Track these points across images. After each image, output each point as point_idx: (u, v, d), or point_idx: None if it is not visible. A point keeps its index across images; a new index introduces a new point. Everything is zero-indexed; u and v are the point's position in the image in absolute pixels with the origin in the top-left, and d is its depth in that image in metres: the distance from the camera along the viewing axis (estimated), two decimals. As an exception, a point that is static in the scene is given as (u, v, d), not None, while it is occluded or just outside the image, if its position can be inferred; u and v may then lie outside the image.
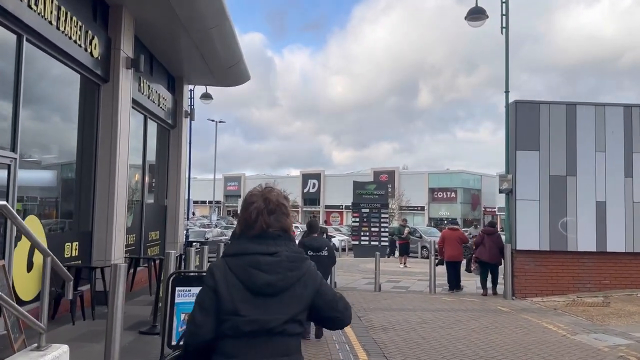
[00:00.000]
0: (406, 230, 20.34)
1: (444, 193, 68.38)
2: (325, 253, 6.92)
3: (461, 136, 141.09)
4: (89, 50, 8.10)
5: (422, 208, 67.14)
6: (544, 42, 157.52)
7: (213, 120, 44.48)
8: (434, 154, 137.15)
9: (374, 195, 27.19)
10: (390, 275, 15.94)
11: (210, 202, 56.93)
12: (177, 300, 5.37)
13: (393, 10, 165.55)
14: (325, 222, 70.16)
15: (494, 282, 11.62)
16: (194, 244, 13.91)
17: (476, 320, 8.44)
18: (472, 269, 11.83)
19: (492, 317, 8.84)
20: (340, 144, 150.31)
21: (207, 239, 28.74)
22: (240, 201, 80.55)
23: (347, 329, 7.30)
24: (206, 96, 18.63)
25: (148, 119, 11.67)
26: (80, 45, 7.78)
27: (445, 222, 64.60)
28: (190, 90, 18.96)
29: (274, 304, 1.86)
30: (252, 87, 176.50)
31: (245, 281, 1.86)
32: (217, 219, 49.11)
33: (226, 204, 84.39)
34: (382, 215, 26.95)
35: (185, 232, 19.67)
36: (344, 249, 29.57)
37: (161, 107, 12.30)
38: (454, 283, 12.15)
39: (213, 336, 1.87)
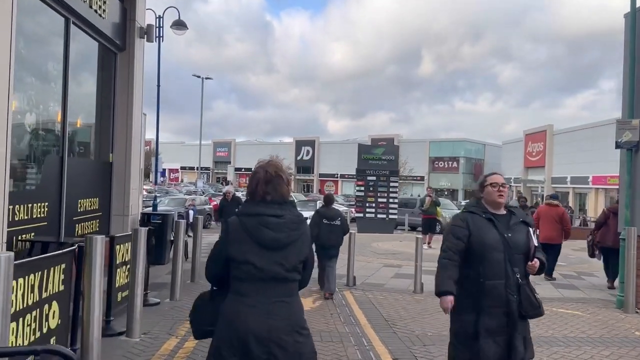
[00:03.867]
0: (428, 200, 15.87)
1: (446, 162, 64.88)
2: (338, 222, 7.72)
3: (459, 107, 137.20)
4: None
5: (422, 178, 63.56)
6: (549, 11, 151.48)
7: (199, 77, 39.87)
8: (431, 125, 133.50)
9: (381, 160, 23.32)
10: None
11: (198, 168, 52.64)
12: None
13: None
14: (320, 191, 66.39)
15: (613, 275, 8.54)
16: (152, 219, 9.88)
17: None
18: (595, 253, 8.59)
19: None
20: (337, 113, 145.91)
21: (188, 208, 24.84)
22: (229, 167, 76.55)
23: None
24: (179, 24, 14.34)
25: (72, 25, 7.49)
26: None
27: (446, 192, 61.12)
28: (159, 17, 14.75)
29: (279, 256, 2.37)
30: (248, 51, 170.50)
31: (255, 237, 2.36)
32: (204, 186, 44.91)
33: (215, 170, 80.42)
34: (391, 184, 23.13)
35: (152, 200, 15.68)
36: (345, 221, 25.72)
37: (98, 13, 8.11)
38: (548, 270, 9.35)
39: (222, 274, 2.43)
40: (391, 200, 22.86)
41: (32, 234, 6.52)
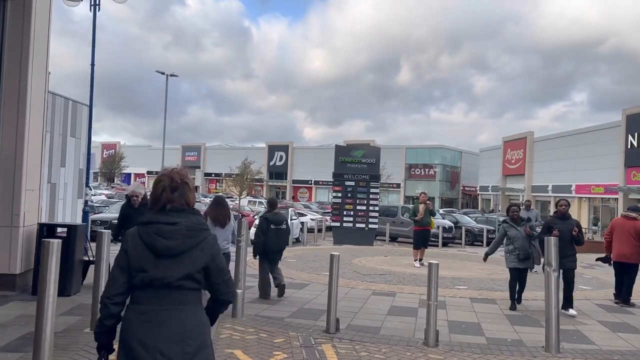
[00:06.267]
0: (422, 208, 12.75)
1: (422, 170, 63.21)
2: (284, 227, 7.70)
3: (435, 117, 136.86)
4: None
5: (398, 185, 61.71)
6: (526, 23, 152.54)
7: (163, 73, 36.78)
8: (407, 134, 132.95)
9: (361, 164, 20.91)
10: (411, 285, 9.62)
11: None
12: None
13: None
14: (293, 198, 63.65)
15: None
16: (56, 233, 7.12)
17: None
18: None
19: None
20: (314, 121, 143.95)
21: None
22: (198, 172, 73.13)
23: None
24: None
25: None
26: None
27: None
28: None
29: (173, 264, 2.30)
30: (226, 56, 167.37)
31: (150, 245, 2.29)
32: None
33: (183, 176, 76.96)
34: (372, 190, 20.73)
35: (85, 206, 12.85)
36: (319, 230, 23.14)
37: None
38: (624, 295, 8.46)
39: (127, 287, 2.31)
40: (371, 208, 20.46)
41: None
